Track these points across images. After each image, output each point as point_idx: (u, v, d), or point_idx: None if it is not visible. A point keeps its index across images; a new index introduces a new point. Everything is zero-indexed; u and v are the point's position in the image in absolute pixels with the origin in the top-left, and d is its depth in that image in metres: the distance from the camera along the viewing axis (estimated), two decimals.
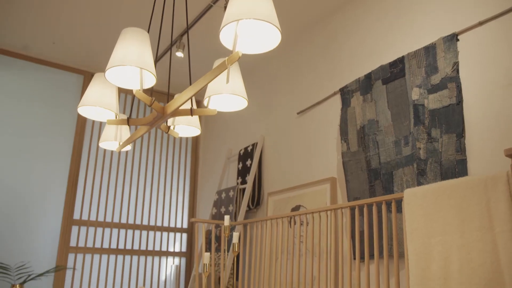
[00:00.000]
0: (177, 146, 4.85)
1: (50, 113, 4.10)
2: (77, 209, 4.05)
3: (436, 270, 1.81)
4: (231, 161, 4.29)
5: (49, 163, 3.99)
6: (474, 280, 1.68)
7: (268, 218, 3.01)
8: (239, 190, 3.78)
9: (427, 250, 1.87)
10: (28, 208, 3.80)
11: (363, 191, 2.67)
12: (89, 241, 4.06)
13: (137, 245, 4.31)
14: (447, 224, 1.82)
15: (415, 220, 1.95)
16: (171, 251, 4.52)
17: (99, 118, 2.08)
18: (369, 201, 2.28)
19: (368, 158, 2.68)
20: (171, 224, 4.59)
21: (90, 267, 4.00)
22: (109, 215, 4.21)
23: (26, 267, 3.68)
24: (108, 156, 4.35)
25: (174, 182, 4.73)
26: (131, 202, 4.38)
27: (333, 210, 2.52)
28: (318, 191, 3.00)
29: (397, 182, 2.48)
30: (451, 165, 2.21)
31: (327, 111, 3.14)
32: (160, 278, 4.39)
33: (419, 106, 2.43)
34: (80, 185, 4.11)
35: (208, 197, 4.61)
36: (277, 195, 3.41)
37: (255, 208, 3.70)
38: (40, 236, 3.82)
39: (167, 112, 1.66)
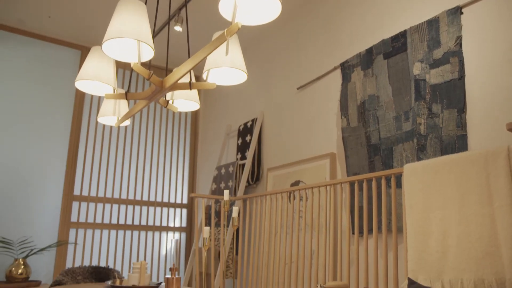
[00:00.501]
0: (176, 121, 4.83)
1: (48, 89, 4.07)
2: (77, 185, 4.07)
3: (434, 244, 1.82)
4: (230, 136, 4.28)
5: (48, 139, 3.98)
6: (471, 253, 1.70)
7: (267, 193, 3.02)
8: (239, 166, 3.79)
9: (425, 224, 1.88)
10: (29, 185, 3.81)
11: (363, 167, 2.67)
12: (90, 217, 4.09)
13: (137, 220, 4.35)
14: (446, 198, 1.83)
15: (414, 195, 1.96)
16: (171, 226, 4.56)
17: (97, 93, 2.06)
18: (369, 176, 2.28)
19: (368, 133, 2.67)
20: (171, 200, 4.62)
21: (91, 242, 4.05)
22: (109, 191, 4.23)
23: (28, 241, 3.72)
24: (107, 131, 4.33)
25: (174, 158, 4.73)
26: (131, 178, 4.39)
27: (333, 185, 2.53)
28: (317, 166, 3.00)
29: (397, 158, 2.47)
30: (451, 141, 2.20)
31: (328, 86, 3.12)
32: (161, 252, 4.45)
33: (420, 81, 2.40)
34: (79, 161, 4.11)
35: (207, 172, 4.63)
36: (276, 171, 3.42)
37: (255, 184, 3.72)
38: (41, 212, 3.84)
39: (166, 86, 1.63)
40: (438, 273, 1.78)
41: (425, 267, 1.83)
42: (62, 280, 2.79)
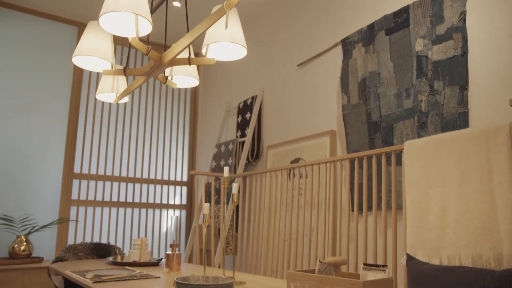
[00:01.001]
0: (175, 99, 4.80)
1: (45, 66, 4.02)
2: (77, 163, 4.07)
3: (433, 220, 1.83)
4: (230, 114, 4.26)
5: (47, 117, 3.95)
6: (470, 229, 1.71)
7: (267, 171, 3.02)
8: (239, 143, 3.78)
9: (425, 200, 1.89)
10: (29, 163, 3.81)
11: (363, 144, 2.66)
12: (90, 195, 4.10)
13: (138, 198, 4.37)
14: (446, 175, 1.83)
15: (414, 172, 1.96)
16: (172, 204, 4.59)
17: (95, 69, 2.03)
18: (369, 153, 2.27)
19: (369, 110, 2.65)
20: (171, 178, 4.64)
21: (92, 219, 4.08)
22: (109, 168, 4.24)
23: (29, 219, 3.74)
24: (107, 109, 4.31)
25: (174, 135, 4.72)
26: (131, 155, 4.39)
27: (333, 162, 2.53)
28: (317, 144, 3.00)
29: (397, 135, 2.46)
30: (453, 118, 2.19)
31: (328, 63, 3.08)
32: (161, 230, 4.49)
33: (422, 57, 2.37)
34: (79, 138, 4.10)
35: (207, 150, 4.62)
36: (276, 148, 3.42)
37: (255, 161, 3.72)
38: (42, 189, 3.85)
39: (165, 61, 1.61)
40: (437, 249, 1.80)
41: (423, 243, 1.85)
42: (64, 257, 2.82)
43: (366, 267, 1.39)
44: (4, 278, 3.25)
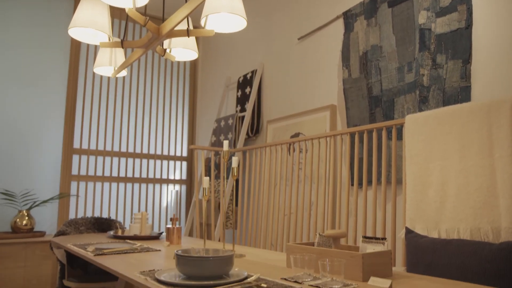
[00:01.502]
0: (175, 73, 4.75)
1: (42, 41, 3.96)
2: (76, 138, 4.06)
3: (433, 194, 1.84)
4: (230, 89, 4.23)
5: (45, 91, 3.92)
6: (469, 203, 1.71)
7: (267, 145, 3.02)
8: (238, 118, 3.77)
9: (425, 174, 1.88)
10: (28, 138, 3.80)
11: (363, 119, 2.65)
12: (91, 170, 4.11)
13: (138, 173, 4.38)
14: (447, 149, 1.82)
15: (415, 146, 1.95)
16: (172, 179, 4.61)
17: (92, 41, 1.99)
18: (370, 127, 2.26)
19: (370, 85, 2.63)
20: (171, 153, 4.64)
21: (93, 194, 4.10)
22: (109, 144, 4.23)
23: (30, 194, 3.76)
24: (105, 83, 4.27)
25: (173, 110, 4.70)
26: (130, 130, 4.37)
27: (333, 136, 2.52)
28: (317, 118, 2.98)
29: (398, 110, 2.45)
30: (455, 92, 2.16)
31: (329, 36, 3.03)
32: (162, 204, 4.52)
33: (425, 30, 2.33)
34: (78, 113, 4.08)
35: (207, 125, 4.61)
36: (276, 123, 3.40)
37: (254, 136, 3.71)
38: (42, 165, 3.86)
39: (163, 32, 1.58)
40: (436, 223, 1.81)
41: (423, 216, 1.86)
42: (65, 231, 2.84)
43: (365, 239, 1.40)
44: (7, 251, 3.29)
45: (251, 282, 1.15)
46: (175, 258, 1.23)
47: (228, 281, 1.17)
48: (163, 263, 1.57)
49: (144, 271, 1.38)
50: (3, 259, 3.27)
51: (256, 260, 1.66)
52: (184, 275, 1.25)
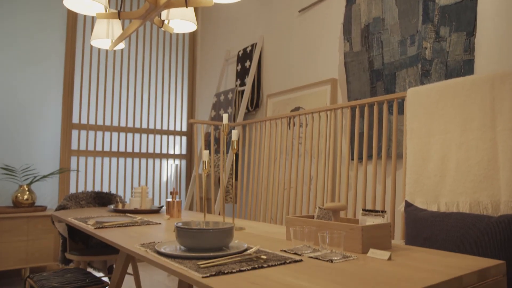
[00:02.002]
0: (173, 47, 4.68)
1: (39, 14, 3.88)
2: (75, 113, 4.03)
3: (433, 168, 1.83)
4: (229, 62, 4.17)
5: (42, 66, 3.87)
6: (469, 177, 1.71)
7: (267, 119, 3.00)
8: (238, 92, 3.73)
9: (425, 148, 1.88)
10: (27, 113, 3.78)
11: (364, 93, 2.62)
12: (90, 145, 4.10)
13: (138, 148, 4.38)
14: (448, 123, 1.80)
15: (416, 119, 1.93)
16: (171, 154, 4.61)
17: (88, 12, 1.95)
18: (371, 100, 2.24)
19: (371, 58, 2.59)
20: (171, 127, 4.62)
21: (93, 169, 4.10)
22: (108, 118, 4.21)
23: (31, 169, 3.76)
24: (103, 57, 4.21)
25: (172, 85, 4.66)
26: (129, 105, 4.35)
27: (333, 110, 2.50)
28: (318, 92, 2.95)
29: (400, 84, 2.42)
30: (457, 66, 2.13)
31: (331, 8, 2.97)
32: (162, 179, 4.53)
33: (429, 2, 2.27)
34: (76, 88, 4.04)
35: (206, 100, 4.58)
36: (276, 97, 3.37)
37: (254, 111, 3.68)
38: (42, 140, 3.85)
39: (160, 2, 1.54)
40: (435, 196, 1.81)
41: (422, 190, 1.86)
42: (66, 205, 2.85)
43: (365, 212, 1.40)
44: (9, 225, 3.32)
45: (251, 254, 1.16)
46: (175, 231, 1.23)
47: (228, 253, 1.17)
48: (163, 236, 1.58)
49: (144, 244, 1.39)
50: (5, 232, 3.30)
51: (256, 233, 1.67)
52: (184, 247, 1.26)
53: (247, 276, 0.97)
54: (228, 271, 1.00)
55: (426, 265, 1.12)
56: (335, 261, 1.13)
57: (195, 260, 1.13)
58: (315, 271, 1.03)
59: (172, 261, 1.12)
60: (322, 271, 1.02)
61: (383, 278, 0.97)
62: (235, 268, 1.03)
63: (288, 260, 1.12)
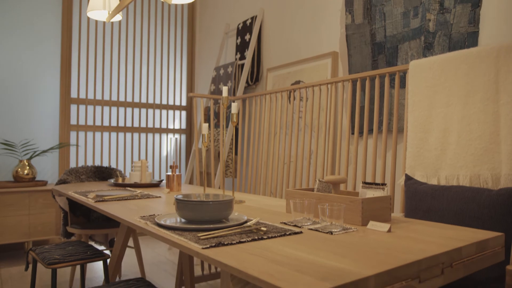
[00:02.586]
0: (172, 20, 4.60)
1: None
2: (73, 88, 4.00)
3: (434, 141, 1.82)
4: (229, 36, 4.11)
5: (39, 39, 3.81)
6: (470, 150, 1.70)
7: (267, 93, 2.97)
8: (238, 66, 3.69)
9: (427, 121, 1.86)
10: (24, 88, 3.74)
11: (366, 66, 2.58)
12: (89, 119, 4.08)
13: (137, 122, 4.36)
14: (451, 96, 1.78)
15: (418, 92, 1.91)
16: (171, 128, 4.59)
17: None
18: (372, 73, 2.21)
19: (373, 31, 2.54)
20: (170, 102, 4.59)
21: (92, 144, 4.09)
22: (107, 93, 4.18)
23: (30, 144, 3.75)
24: (101, 30, 4.14)
25: (171, 58, 4.60)
26: (128, 79, 4.30)
27: (334, 83, 2.47)
28: (319, 66, 2.91)
29: (402, 57, 2.38)
30: (461, 38, 2.09)
31: None
32: (162, 153, 4.53)
33: None
34: (74, 62, 3.99)
35: (206, 74, 4.53)
36: (276, 71, 3.33)
37: (254, 85, 3.65)
38: (41, 115, 3.82)
39: None
40: (435, 170, 1.80)
41: (422, 163, 1.85)
42: (66, 179, 2.86)
43: (365, 185, 1.40)
44: (11, 200, 3.34)
45: (251, 226, 1.16)
46: (175, 203, 1.23)
47: (228, 225, 1.17)
48: (164, 209, 1.58)
49: (144, 216, 1.39)
50: (7, 207, 3.32)
51: (256, 206, 1.67)
52: (184, 219, 1.26)
53: (246, 248, 0.97)
54: (228, 243, 1.00)
55: (426, 237, 1.12)
56: (335, 233, 1.13)
57: (195, 232, 1.14)
58: (315, 242, 1.03)
59: (172, 233, 1.12)
60: (322, 243, 1.03)
61: (383, 249, 0.97)
62: (235, 240, 1.03)
63: (288, 232, 1.12)
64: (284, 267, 0.81)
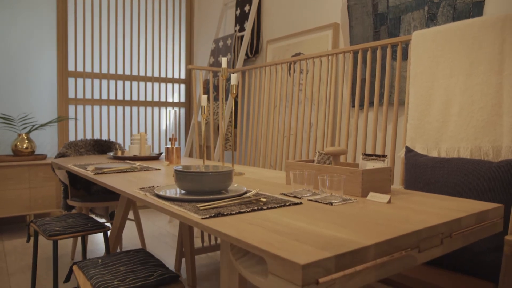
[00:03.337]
0: None
1: None
2: (71, 61, 3.94)
3: (435, 113, 1.80)
4: (228, 7, 4.02)
5: (34, 12, 3.72)
6: (472, 122, 1.68)
7: (267, 65, 2.93)
8: (237, 38, 3.62)
9: (429, 93, 1.84)
10: (21, 62, 3.69)
11: (367, 38, 2.54)
12: (88, 93, 4.05)
13: (136, 96, 4.32)
14: (454, 67, 1.75)
15: (420, 63, 1.88)
16: (170, 102, 4.56)
17: None
18: (374, 44, 2.17)
19: (376, 1, 2.48)
20: (169, 75, 4.54)
21: (91, 117, 4.07)
22: (105, 66, 4.12)
23: (29, 118, 3.73)
24: (97, 2, 4.05)
25: (170, 31, 4.52)
26: (126, 52, 4.24)
27: (335, 54, 2.43)
28: (319, 37, 2.86)
29: (404, 28, 2.33)
30: (466, 8, 2.04)
31: None
32: (161, 127, 4.51)
33: None
34: (70, 34, 3.92)
35: (205, 46, 4.46)
36: (276, 43, 3.28)
37: (254, 57, 3.60)
38: (38, 89, 3.78)
39: None
40: (436, 142, 1.79)
41: (423, 136, 1.84)
42: (65, 153, 2.85)
43: (365, 157, 1.39)
44: (11, 173, 3.34)
45: (250, 197, 1.15)
46: (175, 174, 1.22)
47: (227, 195, 1.17)
48: (163, 181, 1.58)
49: (143, 188, 1.39)
50: (7, 180, 3.33)
51: (255, 178, 1.67)
52: (183, 190, 1.25)
53: (246, 218, 0.97)
54: (227, 213, 1.00)
55: (425, 207, 1.12)
56: (334, 203, 1.13)
57: (194, 202, 1.13)
58: (315, 213, 1.03)
59: (171, 204, 1.12)
60: (321, 213, 1.02)
61: (383, 219, 0.97)
62: (234, 210, 1.03)
63: (288, 202, 1.12)
64: (284, 237, 0.81)
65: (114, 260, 1.36)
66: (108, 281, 1.17)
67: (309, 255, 0.69)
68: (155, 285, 1.16)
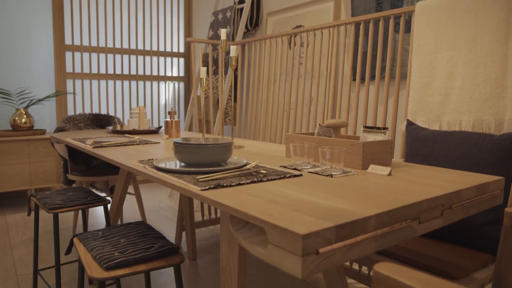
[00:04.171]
0: None
1: None
2: (67, 34, 3.87)
3: (438, 86, 1.78)
4: None
5: None
6: (475, 95, 1.66)
7: (267, 37, 2.88)
8: (237, 11, 3.55)
9: (431, 65, 1.81)
10: (17, 35, 3.62)
11: (369, 10, 2.48)
12: (86, 67, 4.00)
13: (134, 70, 4.27)
14: (458, 39, 1.72)
15: (423, 35, 1.84)
16: (169, 76, 4.51)
17: None
18: (376, 15, 2.12)
19: None
20: (168, 49, 4.47)
21: (89, 92, 4.03)
22: (102, 40, 4.06)
23: (26, 92, 3.69)
24: None
25: (168, 4, 4.43)
26: (124, 26, 4.16)
27: (336, 26, 2.38)
28: (320, 9, 2.80)
29: (408, 0, 2.28)
30: None
31: None
32: (160, 102, 4.48)
33: None
34: (66, 7, 3.84)
35: (204, 19, 4.38)
36: (276, 15, 3.21)
37: (254, 30, 3.53)
38: (35, 63, 3.73)
39: None
40: (438, 115, 1.78)
41: (425, 109, 1.82)
42: (64, 127, 2.84)
43: (366, 129, 1.37)
44: (10, 148, 3.33)
45: (250, 169, 1.15)
46: (174, 147, 1.21)
47: (227, 167, 1.16)
48: (162, 154, 1.57)
49: (142, 160, 1.38)
50: (7, 155, 3.32)
51: (255, 151, 1.66)
52: (183, 163, 1.25)
53: (246, 189, 0.96)
54: (227, 184, 0.99)
55: (426, 180, 1.11)
56: (335, 175, 1.12)
57: (193, 174, 1.12)
58: (315, 185, 1.02)
59: (171, 176, 1.11)
60: (322, 185, 1.02)
61: (383, 191, 0.96)
62: (234, 182, 1.02)
63: (288, 174, 1.11)
64: (284, 207, 0.80)
65: (114, 233, 1.37)
66: (109, 252, 1.17)
67: (309, 225, 0.69)
68: (155, 257, 1.17)
